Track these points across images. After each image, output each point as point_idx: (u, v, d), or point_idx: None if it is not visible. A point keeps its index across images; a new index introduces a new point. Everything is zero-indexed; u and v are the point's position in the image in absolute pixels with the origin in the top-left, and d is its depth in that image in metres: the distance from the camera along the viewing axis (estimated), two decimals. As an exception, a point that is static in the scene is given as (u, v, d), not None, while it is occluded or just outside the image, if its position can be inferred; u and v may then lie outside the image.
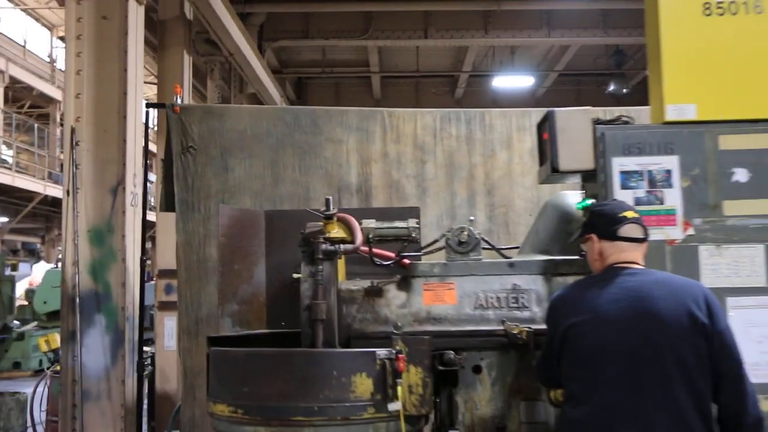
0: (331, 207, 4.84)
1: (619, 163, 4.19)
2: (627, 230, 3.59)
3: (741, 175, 4.16)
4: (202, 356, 6.49)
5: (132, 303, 7.69)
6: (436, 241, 5.18)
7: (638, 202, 4.16)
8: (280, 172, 6.63)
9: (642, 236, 3.63)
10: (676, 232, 4.15)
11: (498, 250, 5.21)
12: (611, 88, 18.09)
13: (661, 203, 4.16)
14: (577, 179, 4.76)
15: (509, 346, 4.69)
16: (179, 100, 6.87)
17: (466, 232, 4.93)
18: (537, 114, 6.87)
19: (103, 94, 7.61)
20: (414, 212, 5.55)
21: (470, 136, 6.80)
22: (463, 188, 6.73)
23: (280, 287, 5.54)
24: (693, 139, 4.17)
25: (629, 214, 3.61)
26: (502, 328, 4.72)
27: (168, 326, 10.12)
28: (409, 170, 6.73)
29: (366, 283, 4.95)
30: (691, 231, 4.15)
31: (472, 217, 5.04)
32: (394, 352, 4.37)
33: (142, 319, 7.48)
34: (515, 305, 4.80)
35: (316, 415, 4.25)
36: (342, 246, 4.82)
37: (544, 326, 4.63)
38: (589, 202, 4.39)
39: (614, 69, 18.00)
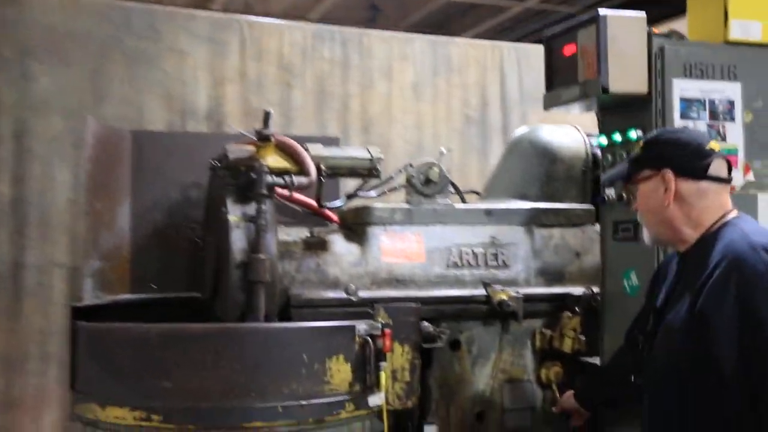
0: (270, 125, 3.49)
1: (680, 87, 3.32)
2: (717, 167, 2.53)
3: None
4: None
5: None
6: (391, 178, 3.99)
7: (698, 137, 3.32)
8: (105, 86, 4.97)
9: (730, 177, 2.61)
10: (736, 177, 3.35)
11: (461, 194, 4.14)
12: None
13: (723, 140, 3.35)
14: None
15: (492, 316, 3.68)
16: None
17: (435, 169, 3.81)
18: (421, 41, 5.88)
19: None
20: (333, 143, 4.29)
21: (346, 61, 5.61)
22: (336, 122, 5.54)
23: (149, 237, 4.03)
24: (758, 64, 3.43)
25: (715, 146, 2.59)
26: (483, 293, 3.68)
27: None
28: (271, 95, 5.39)
29: (302, 233, 3.66)
30: (750, 176, 3.40)
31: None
32: (379, 326, 3.18)
33: None
34: (494, 263, 3.80)
35: (281, 418, 3.00)
36: (296, 179, 3.50)
37: (533, 290, 3.70)
38: (616, 137, 3.47)
39: (368, 22, 17.35)
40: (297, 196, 3.79)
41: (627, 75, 3.30)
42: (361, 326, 3.17)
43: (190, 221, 4.12)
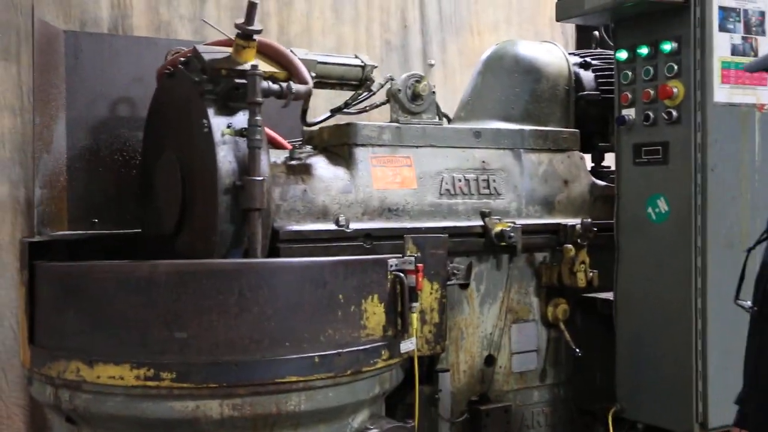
0: (255, 21, 2.92)
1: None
2: None
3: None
4: None
5: None
6: (371, 92, 3.52)
7: (734, 50, 3.13)
8: None
9: None
10: (766, 95, 3.18)
11: (441, 114, 3.68)
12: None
13: (756, 54, 3.16)
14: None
15: (489, 249, 3.33)
16: None
17: (424, 83, 3.37)
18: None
19: None
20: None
21: (262, -26, 4.98)
22: (253, 42, 4.91)
23: (91, 162, 3.34)
24: (788, -26, 3.26)
25: None
26: (479, 223, 3.31)
27: None
28: (183, 9, 4.68)
29: (280, 154, 3.14)
30: (780, 97, 3.23)
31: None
32: (412, 260, 2.76)
33: None
34: (487, 191, 3.43)
35: (317, 371, 2.51)
36: (294, 86, 2.96)
37: (527, 220, 3.39)
38: (642, 51, 3.19)
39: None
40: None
41: (665, -20, 3.03)
42: (392, 261, 2.73)
43: (141, 142, 3.49)
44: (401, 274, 2.70)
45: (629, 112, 3.26)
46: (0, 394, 3.70)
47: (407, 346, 2.75)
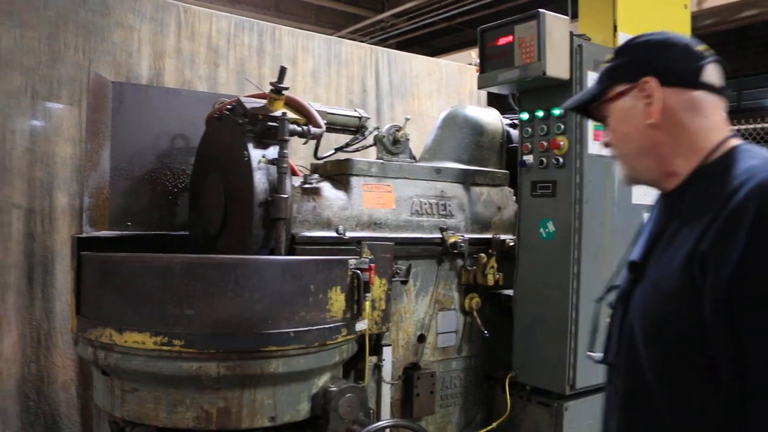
0: (284, 80, 2.84)
1: (592, 78, 3.05)
2: (712, 73, 1.40)
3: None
4: None
5: None
6: (364, 137, 3.46)
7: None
8: (60, 51, 3.92)
9: (725, 87, 1.43)
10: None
11: (412, 155, 3.60)
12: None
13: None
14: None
15: (445, 255, 3.27)
16: None
17: (402, 132, 3.31)
18: (318, 39, 5.25)
19: None
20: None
21: (261, 47, 4.87)
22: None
23: (127, 180, 3.19)
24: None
25: (706, 48, 1.43)
26: (439, 236, 3.24)
27: None
28: (201, 71, 4.55)
29: (296, 180, 3.04)
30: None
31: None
32: (367, 261, 2.66)
33: None
34: (444, 213, 3.37)
35: (292, 343, 2.39)
36: (312, 129, 2.87)
37: (471, 235, 3.31)
38: (539, 113, 3.16)
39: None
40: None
41: (557, 63, 3.00)
42: (352, 261, 2.63)
43: (165, 167, 3.35)
44: (358, 272, 2.61)
45: (529, 158, 3.23)
46: (58, 350, 3.56)
47: (361, 325, 2.66)
